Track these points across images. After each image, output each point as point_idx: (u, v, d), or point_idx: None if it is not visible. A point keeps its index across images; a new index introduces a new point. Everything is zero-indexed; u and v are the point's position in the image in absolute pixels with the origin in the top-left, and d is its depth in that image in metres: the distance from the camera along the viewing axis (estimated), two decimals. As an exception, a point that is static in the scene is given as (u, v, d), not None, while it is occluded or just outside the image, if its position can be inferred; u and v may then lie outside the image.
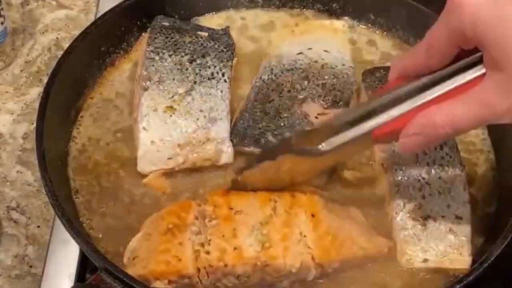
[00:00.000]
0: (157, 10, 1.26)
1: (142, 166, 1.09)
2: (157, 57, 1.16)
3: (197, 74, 1.15)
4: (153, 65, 1.15)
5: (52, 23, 1.49)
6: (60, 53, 1.27)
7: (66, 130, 1.15)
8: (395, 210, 1.05)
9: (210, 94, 1.13)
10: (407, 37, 1.32)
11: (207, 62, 1.17)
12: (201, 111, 1.11)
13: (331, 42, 1.26)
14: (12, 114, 1.33)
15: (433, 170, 1.08)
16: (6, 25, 1.35)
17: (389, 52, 1.32)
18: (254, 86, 1.18)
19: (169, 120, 1.10)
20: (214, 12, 1.34)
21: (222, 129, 1.11)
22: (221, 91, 1.14)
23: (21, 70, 1.40)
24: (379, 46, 1.33)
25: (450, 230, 1.03)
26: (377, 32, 1.34)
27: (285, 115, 1.13)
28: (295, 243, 0.97)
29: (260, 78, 1.19)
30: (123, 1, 1.25)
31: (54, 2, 1.53)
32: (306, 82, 1.17)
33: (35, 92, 1.36)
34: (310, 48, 1.24)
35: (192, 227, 0.97)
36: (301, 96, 1.15)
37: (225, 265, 0.95)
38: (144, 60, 1.16)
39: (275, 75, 1.18)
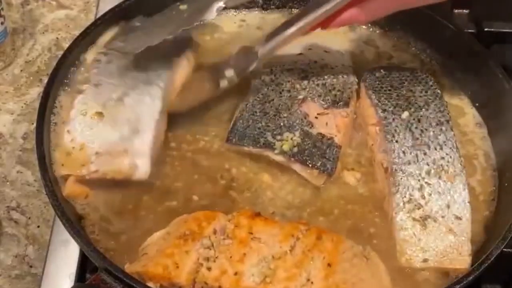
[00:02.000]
0: (157, 11, 1.26)
1: (57, 168, 1.04)
2: (104, 59, 1.13)
3: (136, 78, 1.11)
4: (96, 68, 1.13)
5: (52, 23, 1.49)
6: (60, 53, 1.27)
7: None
8: (394, 210, 1.05)
9: (141, 102, 1.09)
10: (407, 37, 1.32)
11: (149, 66, 1.12)
12: (128, 120, 1.07)
13: (331, 42, 1.26)
14: (12, 114, 1.33)
15: (433, 170, 1.08)
16: (6, 25, 1.35)
17: (389, 52, 1.32)
18: (253, 86, 1.18)
19: (96, 127, 1.06)
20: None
21: (143, 142, 1.06)
22: (153, 99, 1.09)
23: (21, 70, 1.40)
24: (379, 46, 1.33)
25: (450, 230, 1.03)
26: (377, 32, 1.34)
27: (284, 115, 1.13)
28: (298, 287, 0.93)
29: (260, 78, 1.19)
30: (123, 1, 1.25)
31: (54, 2, 1.53)
32: (306, 82, 1.17)
33: (35, 92, 1.36)
34: (310, 49, 1.24)
35: (205, 240, 0.96)
36: (300, 96, 1.15)
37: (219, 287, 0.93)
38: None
39: (274, 75, 1.18)
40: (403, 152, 1.09)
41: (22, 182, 1.23)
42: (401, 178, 1.07)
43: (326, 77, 1.18)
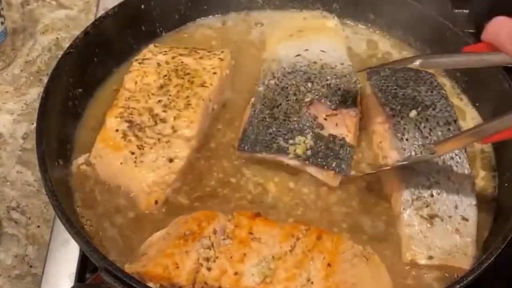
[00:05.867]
0: (158, 11, 1.26)
1: None
2: None
3: None
4: None
5: (52, 23, 1.49)
6: (60, 53, 1.26)
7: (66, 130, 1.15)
8: (403, 205, 1.05)
9: None
10: (407, 37, 1.32)
11: None
12: None
13: (326, 41, 1.26)
14: (12, 114, 1.33)
15: (442, 170, 1.07)
16: (6, 25, 1.35)
17: (389, 52, 1.32)
18: (257, 92, 1.17)
19: None
20: (217, 14, 1.34)
21: None
22: None
23: (21, 70, 1.40)
24: (379, 46, 1.33)
25: (456, 231, 1.03)
26: (377, 32, 1.34)
27: (294, 118, 1.12)
28: (298, 287, 0.93)
29: (263, 83, 1.17)
30: (123, 1, 1.25)
31: (54, 2, 1.53)
32: (310, 84, 1.16)
33: (35, 92, 1.36)
34: (306, 50, 1.23)
35: (205, 240, 0.96)
36: (307, 99, 1.14)
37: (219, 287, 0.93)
38: None
39: (277, 79, 1.17)
40: (414, 150, 1.09)
41: (22, 182, 1.23)
42: (411, 176, 1.06)
43: (329, 77, 1.18)
